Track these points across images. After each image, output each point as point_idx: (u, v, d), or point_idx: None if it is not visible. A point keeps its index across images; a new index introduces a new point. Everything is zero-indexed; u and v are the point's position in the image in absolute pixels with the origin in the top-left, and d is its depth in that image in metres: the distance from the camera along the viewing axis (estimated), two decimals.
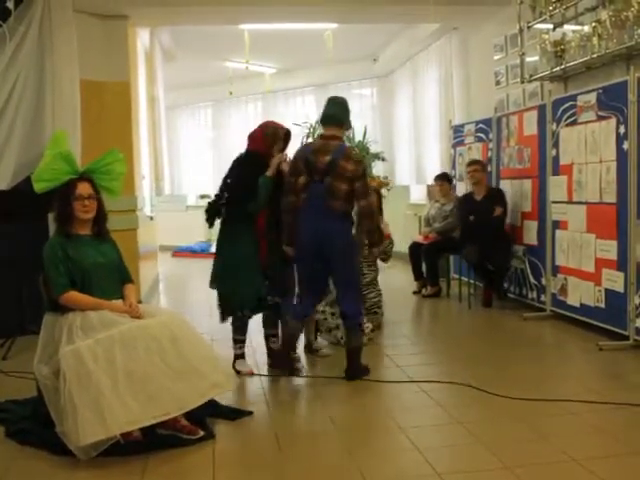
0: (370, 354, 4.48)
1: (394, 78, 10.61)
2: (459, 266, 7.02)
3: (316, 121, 9.69)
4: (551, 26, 5.77)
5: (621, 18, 4.74)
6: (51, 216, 3.66)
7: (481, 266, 6.29)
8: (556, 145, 5.50)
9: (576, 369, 4.35)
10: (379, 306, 5.46)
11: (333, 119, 4.14)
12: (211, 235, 13.28)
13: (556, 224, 5.55)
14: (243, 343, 4.36)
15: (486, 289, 6.37)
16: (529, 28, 6.10)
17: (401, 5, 6.81)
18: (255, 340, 4.69)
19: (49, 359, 3.18)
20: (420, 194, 10.08)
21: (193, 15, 6.80)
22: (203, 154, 13.40)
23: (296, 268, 4.24)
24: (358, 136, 9.85)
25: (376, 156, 9.97)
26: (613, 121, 4.71)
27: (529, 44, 6.19)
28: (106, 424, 2.85)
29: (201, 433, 3.16)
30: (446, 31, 8.08)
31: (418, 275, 7.19)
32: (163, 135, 8.69)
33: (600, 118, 4.88)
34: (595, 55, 5.08)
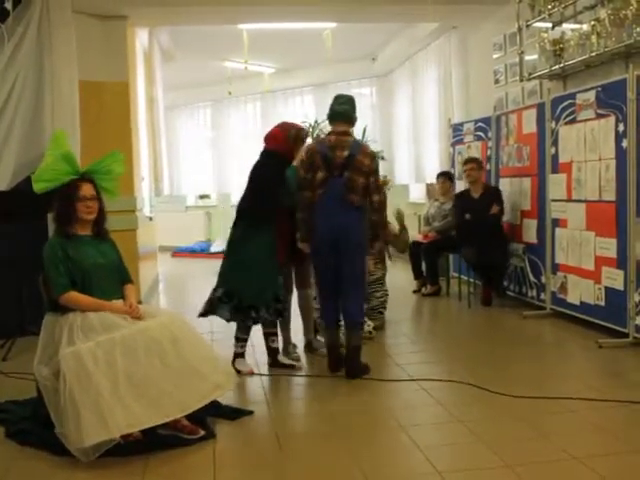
0: (370, 353, 4.48)
1: (393, 77, 10.61)
2: (459, 265, 7.02)
3: (315, 120, 9.71)
4: (550, 25, 5.77)
5: (620, 16, 4.74)
6: (50, 216, 3.66)
7: (480, 265, 6.29)
8: (555, 143, 5.50)
9: (576, 367, 4.36)
10: (384, 307, 5.47)
11: (343, 116, 4.24)
12: (210, 235, 13.32)
13: (556, 222, 5.55)
14: (245, 342, 4.36)
15: (485, 288, 6.37)
16: (528, 27, 6.09)
17: (400, 4, 6.81)
18: (255, 339, 4.68)
19: (49, 360, 3.17)
20: (419, 193, 10.09)
21: (192, 15, 6.80)
22: (202, 154, 13.39)
23: (314, 265, 4.30)
24: (357, 135, 9.84)
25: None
26: (612, 119, 4.72)
27: (528, 43, 6.19)
28: (107, 426, 2.85)
29: (202, 433, 3.16)
30: (445, 30, 8.08)
31: (418, 274, 7.19)
32: (162, 135, 8.68)
33: (599, 116, 4.88)
34: (594, 53, 5.08)
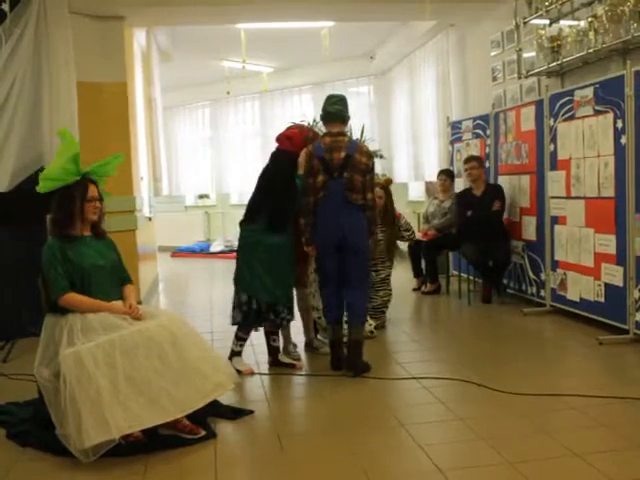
0: (371, 351, 4.47)
1: (391, 76, 10.61)
2: (458, 263, 7.02)
3: (314, 119, 9.70)
4: (547, 21, 5.77)
5: (617, 13, 4.74)
6: (48, 218, 3.65)
7: (481, 263, 6.29)
8: (554, 140, 5.50)
9: (576, 364, 4.36)
10: (387, 306, 5.48)
11: (337, 116, 4.26)
12: (210, 235, 13.32)
13: (555, 219, 5.55)
14: (244, 342, 4.36)
15: (485, 285, 6.38)
16: (525, 24, 6.10)
17: (397, 3, 6.81)
18: (255, 339, 4.68)
19: (50, 361, 3.17)
20: (418, 191, 10.09)
21: (189, 15, 6.79)
22: (201, 154, 13.41)
23: (320, 266, 4.33)
24: (356, 134, 9.84)
25: (374, 154, 9.97)
26: (610, 116, 4.72)
27: (526, 40, 6.19)
28: (107, 427, 2.85)
29: (202, 433, 3.16)
30: (443, 28, 8.08)
31: (417, 272, 7.20)
32: (161, 135, 8.69)
33: (597, 113, 4.88)
34: (592, 50, 5.09)
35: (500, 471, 2.70)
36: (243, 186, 12.51)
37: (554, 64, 5.62)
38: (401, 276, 7.66)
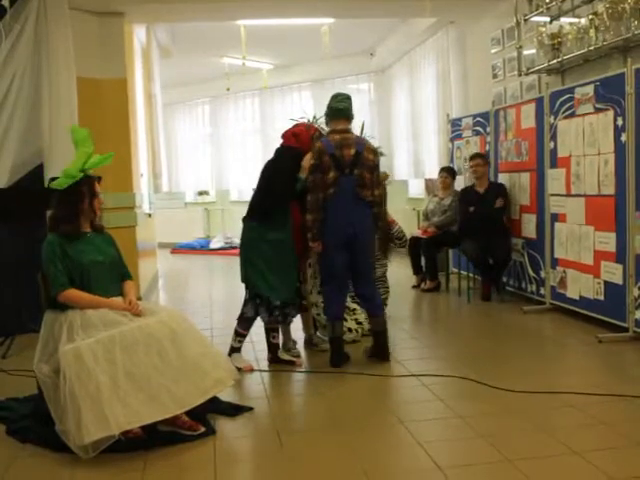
0: None
1: (391, 73, 10.60)
2: (458, 260, 7.02)
3: (314, 116, 9.69)
4: (548, 19, 5.76)
5: (618, 10, 4.73)
6: (48, 214, 3.65)
7: (481, 260, 6.29)
8: (554, 138, 5.50)
9: (576, 362, 4.36)
10: (385, 303, 5.47)
11: (344, 113, 4.35)
12: (209, 231, 13.32)
13: (555, 217, 5.55)
14: (243, 338, 4.36)
15: (485, 283, 6.38)
16: (526, 21, 6.09)
17: (397, 0, 6.80)
18: (255, 335, 4.69)
19: (49, 357, 3.17)
20: (418, 188, 10.08)
21: (189, 11, 6.78)
22: (201, 151, 13.40)
23: (325, 262, 4.31)
24: (355, 131, 9.83)
25: None
26: (611, 113, 4.71)
27: (526, 37, 6.18)
28: (107, 423, 2.85)
29: (202, 429, 3.16)
30: (443, 25, 8.07)
31: (417, 269, 7.19)
32: (161, 132, 8.68)
33: (598, 110, 4.87)
34: (592, 47, 5.08)
35: (499, 469, 2.70)
36: (243, 183, 12.51)
37: (554, 61, 5.62)
38: (400, 273, 7.67)
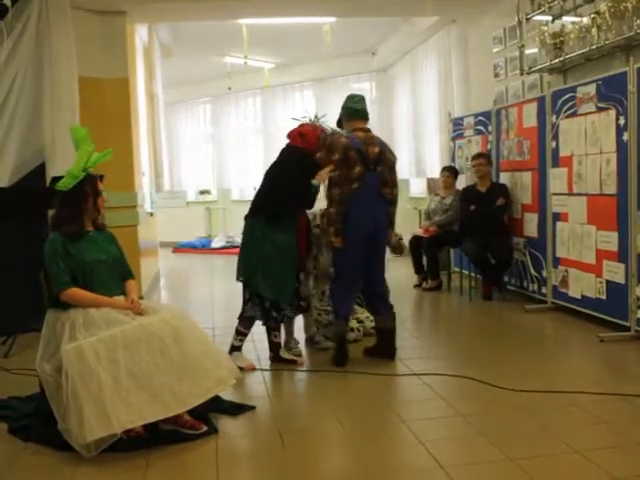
0: None
1: (393, 72, 10.59)
2: (460, 259, 7.02)
3: (316, 115, 9.68)
4: (550, 18, 5.76)
5: (620, 9, 4.73)
6: (50, 214, 3.65)
7: (482, 259, 6.29)
8: (556, 137, 5.50)
9: (578, 361, 4.36)
10: None
11: (363, 113, 4.44)
12: (211, 231, 13.32)
13: (556, 216, 5.54)
14: (244, 337, 4.36)
15: (486, 282, 6.38)
16: (528, 20, 6.09)
17: None
18: (256, 334, 4.69)
19: (51, 356, 3.17)
20: (420, 188, 10.07)
21: (191, 10, 6.78)
22: (202, 150, 13.41)
23: (343, 259, 4.29)
24: None
25: None
26: (613, 112, 4.71)
27: (528, 36, 6.17)
28: (109, 421, 2.86)
29: (204, 428, 3.17)
30: (444, 24, 8.06)
31: (419, 268, 7.20)
32: (162, 131, 8.69)
33: (600, 109, 4.87)
34: (594, 46, 5.07)
35: (501, 467, 2.70)
36: (244, 182, 12.51)
37: (556, 61, 5.61)
38: (402, 272, 7.66)
